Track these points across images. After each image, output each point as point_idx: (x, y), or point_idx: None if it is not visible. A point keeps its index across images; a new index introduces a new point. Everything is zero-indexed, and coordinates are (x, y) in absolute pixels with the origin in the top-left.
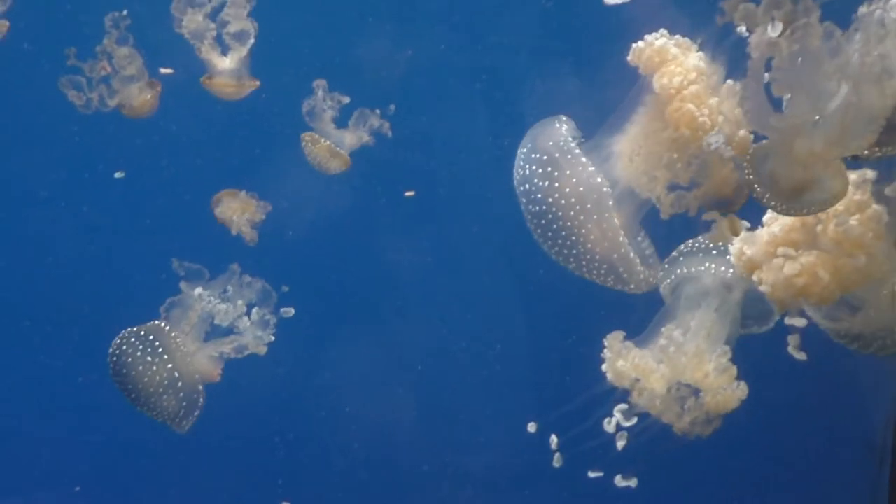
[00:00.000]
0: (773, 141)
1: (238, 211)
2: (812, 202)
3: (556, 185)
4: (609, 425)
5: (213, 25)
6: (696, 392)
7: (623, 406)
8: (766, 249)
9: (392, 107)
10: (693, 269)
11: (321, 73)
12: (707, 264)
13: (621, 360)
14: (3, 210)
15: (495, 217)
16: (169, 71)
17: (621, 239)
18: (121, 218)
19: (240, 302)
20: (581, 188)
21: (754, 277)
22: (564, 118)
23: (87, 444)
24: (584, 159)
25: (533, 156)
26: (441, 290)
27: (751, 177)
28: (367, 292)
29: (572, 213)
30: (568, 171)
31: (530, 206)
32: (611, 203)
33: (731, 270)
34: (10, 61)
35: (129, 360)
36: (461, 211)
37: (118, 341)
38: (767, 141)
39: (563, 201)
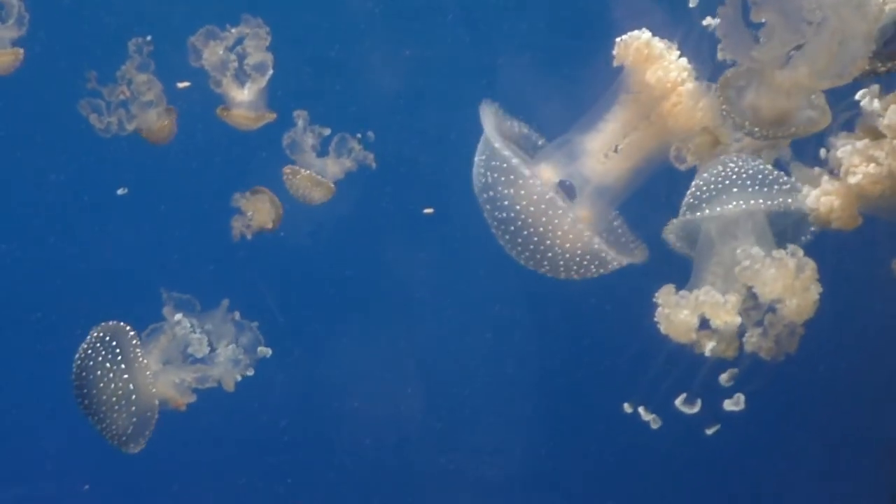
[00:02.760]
0: (752, 72)
1: (251, 208)
2: (795, 129)
3: (523, 192)
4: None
5: (233, 57)
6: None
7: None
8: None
9: (371, 133)
10: (712, 209)
11: (329, 73)
12: (724, 199)
13: (684, 309)
14: (28, 216)
15: None
16: (186, 84)
17: (587, 231)
18: (134, 226)
19: (223, 343)
20: (527, 191)
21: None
22: (516, 122)
23: (96, 442)
24: (541, 163)
25: (493, 163)
26: (453, 291)
27: (728, 108)
28: (379, 292)
29: (544, 218)
30: (528, 174)
31: (496, 213)
32: (563, 202)
33: (752, 196)
34: (30, 79)
35: (91, 363)
36: (471, 210)
37: (85, 345)
38: (742, 70)
39: (531, 208)
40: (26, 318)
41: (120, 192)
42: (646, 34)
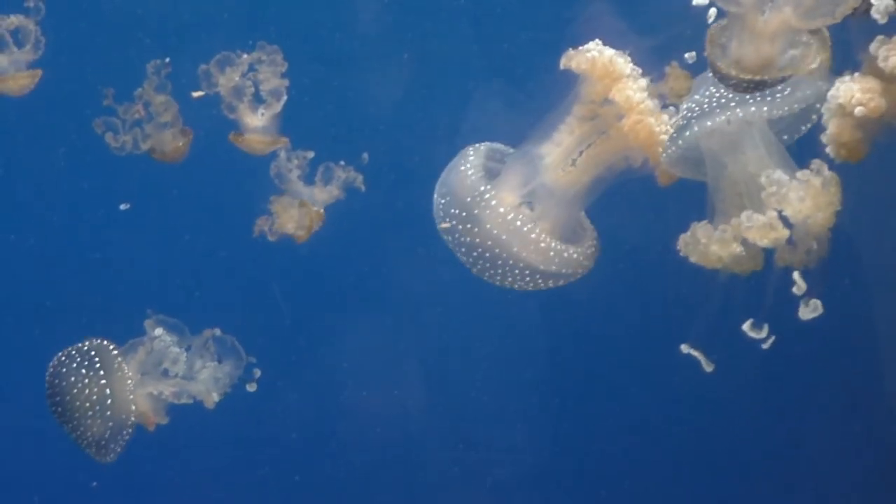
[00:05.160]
0: (734, 21)
1: (279, 210)
2: (782, 71)
3: (478, 240)
4: (798, 287)
5: (249, 84)
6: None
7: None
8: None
9: (365, 156)
10: (709, 124)
11: (335, 70)
12: (721, 115)
13: (732, 243)
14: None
15: None
16: (201, 93)
17: (552, 255)
18: (136, 239)
19: (198, 363)
20: (503, 236)
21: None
22: (472, 154)
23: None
24: (501, 209)
25: (452, 211)
26: (463, 287)
27: (716, 62)
28: (389, 290)
29: (499, 261)
30: (488, 225)
31: (461, 255)
32: (534, 235)
33: (751, 109)
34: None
35: (65, 370)
36: None
37: (61, 355)
38: (723, 24)
39: (487, 254)
40: (29, 321)
41: (122, 207)
42: (608, 50)
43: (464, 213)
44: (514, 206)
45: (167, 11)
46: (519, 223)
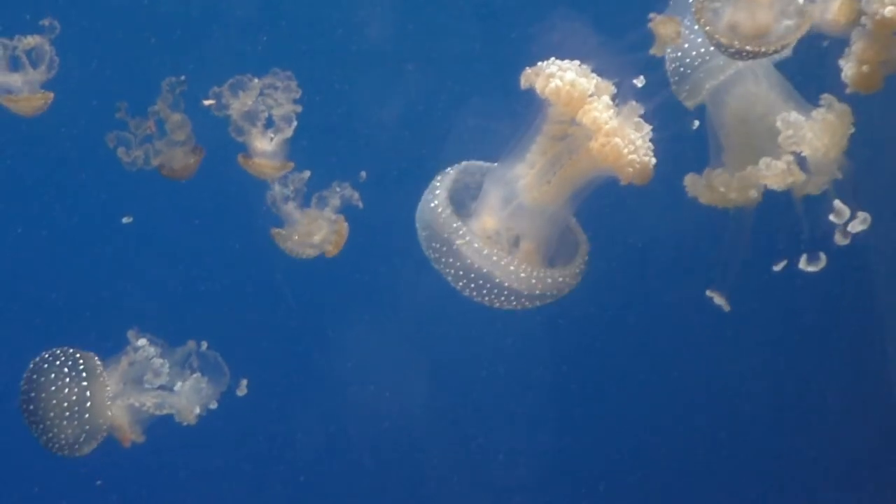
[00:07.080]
0: None
1: (305, 221)
2: (781, 36)
3: (461, 272)
4: (838, 214)
5: (262, 108)
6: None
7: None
8: None
9: (363, 174)
10: (714, 74)
11: (341, 69)
12: (722, 64)
13: (751, 189)
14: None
15: None
16: (212, 102)
17: (534, 282)
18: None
19: (177, 380)
20: (485, 268)
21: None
22: (439, 187)
23: (107, 438)
24: (475, 244)
25: (433, 244)
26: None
27: (707, 29)
28: (392, 289)
29: (484, 289)
30: (469, 260)
31: (450, 280)
32: (513, 267)
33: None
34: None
35: (47, 366)
36: None
37: (45, 354)
38: None
39: (472, 284)
40: (26, 326)
41: (125, 220)
42: (568, 73)
43: (444, 248)
44: (491, 236)
45: (178, 11)
46: (496, 258)
